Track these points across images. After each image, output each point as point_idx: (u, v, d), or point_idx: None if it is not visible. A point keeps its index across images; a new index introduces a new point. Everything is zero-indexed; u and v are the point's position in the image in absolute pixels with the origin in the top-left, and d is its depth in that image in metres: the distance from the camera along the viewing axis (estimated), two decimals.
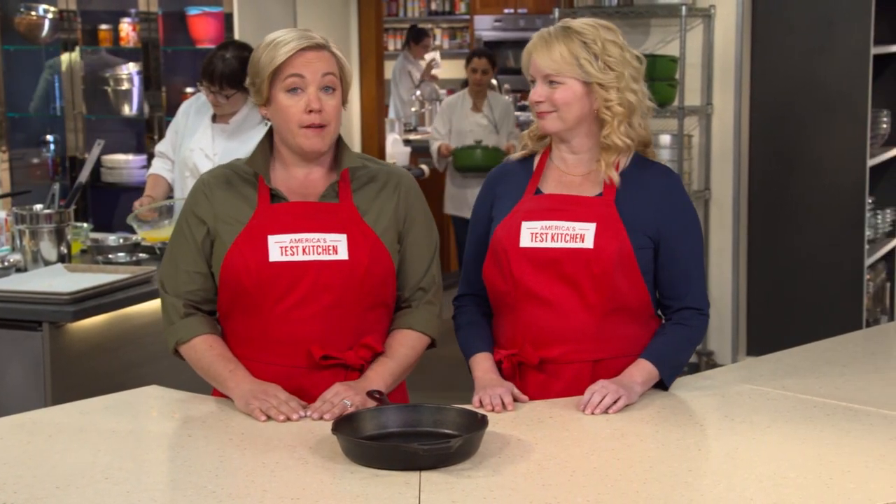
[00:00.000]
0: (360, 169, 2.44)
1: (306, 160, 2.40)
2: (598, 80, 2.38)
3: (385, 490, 1.90)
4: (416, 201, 2.46)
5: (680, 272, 2.46)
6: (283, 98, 2.35)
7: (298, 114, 2.33)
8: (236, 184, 2.41)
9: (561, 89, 2.40)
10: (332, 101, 2.36)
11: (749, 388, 2.46)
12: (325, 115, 2.34)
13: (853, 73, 5.19)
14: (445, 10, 11.74)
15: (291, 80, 2.33)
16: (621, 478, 1.97)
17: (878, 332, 3.37)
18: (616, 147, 2.42)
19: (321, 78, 2.34)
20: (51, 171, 6.07)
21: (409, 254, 2.44)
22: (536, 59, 2.41)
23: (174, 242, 2.44)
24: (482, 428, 2.06)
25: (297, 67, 2.33)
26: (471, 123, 6.55)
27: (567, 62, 2.38)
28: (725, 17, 5.29)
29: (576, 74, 2.38)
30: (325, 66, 2.35)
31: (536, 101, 2.42)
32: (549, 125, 2.43)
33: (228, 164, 2.47)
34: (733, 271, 5.41)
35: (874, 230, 5.61)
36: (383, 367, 2.38)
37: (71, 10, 5.87)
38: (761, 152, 5.39)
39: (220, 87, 4.07)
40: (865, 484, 1.93)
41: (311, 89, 2.33)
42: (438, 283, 2.49)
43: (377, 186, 2.43)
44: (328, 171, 2.43)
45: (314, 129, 2.34)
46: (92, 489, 1.92)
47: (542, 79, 2.41)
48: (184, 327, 2.39)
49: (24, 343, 3.25)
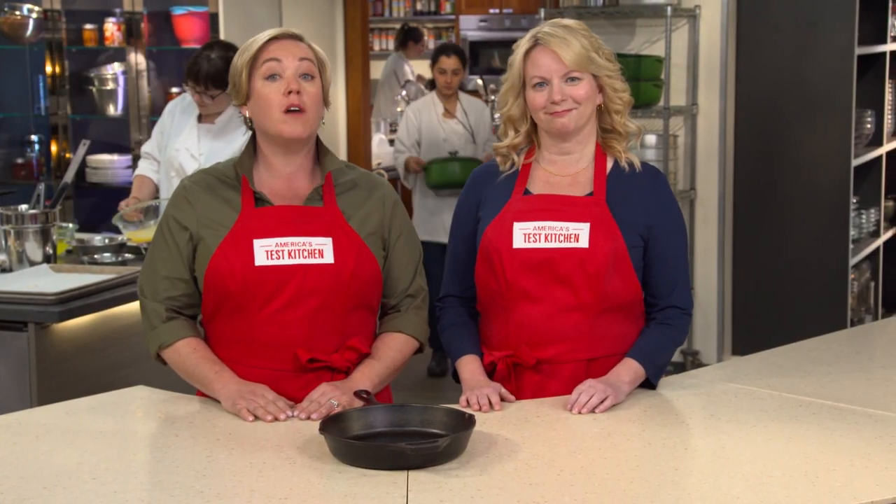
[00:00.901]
0: (342, 174, 2.44)
1: (288, 151, 2.39)
2: (607, 72, 2.41)
3: (373, 490, 1.90)
4: (399, 211, 2.48)
5: (667, 271, 2.47)
6: (261, 86, 2.35)
7: (278, 97, 2.33)
8: (218, 188, 2.40)
9: (581, 85, 2.40)
10: (311, 88, 2.35)
11: (735, 388, 2.46)
12: (304, 99, 2.34)
13: (838, 74, 5.21)
14: (431, 10, 11.74)
15: (268, 66, 2.34)
16: (608, 477, 1.98)
17: (863, 332, 3.39)
18: (627, 132, 2.46)
19: (298, 62, 2.35)
20: (35, 171, 6.04)
21: (395, 263, 2.46)
22: (559, 54, 2.38)
23: (155, 248, 2.42)
24: (470, 427, 2.07)
25: (273, 52, 2.34)
26: (445, 132, 5.77)
27: (584, 56, 2.38)
28: (710, 17, 5.30)
29: (590, 69, 2.40)
30: (302, 52, 2.36)
31: (558, 101, 2.39)
32: (571, 123, 2.41)
33: (209, 169, 2.47)
34: (718, 271, 5.42)
35: (858, 230, 5.63)
36: (370, 369, 2.38)
37: (55, 9, 5.85)
38: (746, 152, 5.41)
39: (205, 87, 4.06)
40: (850, 482, 1.94)
41: (288, 73, 2.34)
42: (425, 290, 2.51)
43: (362, 193, 2.44)
44: (311, 175, 2.43)
45: (293, 114, 2.33)
46: (79, 490, 1.92)
47: (561, 77, 2.39)
48: (166, 331, 2.39)
49: (10, 344, 3.23)
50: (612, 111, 2.46)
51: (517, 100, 2.46)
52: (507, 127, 2.50)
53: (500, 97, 2.51)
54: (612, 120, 2.47)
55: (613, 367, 2.40)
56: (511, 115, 2.48)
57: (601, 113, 2.47)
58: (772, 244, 5.39)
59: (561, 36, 2.38)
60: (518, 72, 2.43)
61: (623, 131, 2.47)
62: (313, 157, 2.44)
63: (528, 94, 2.43)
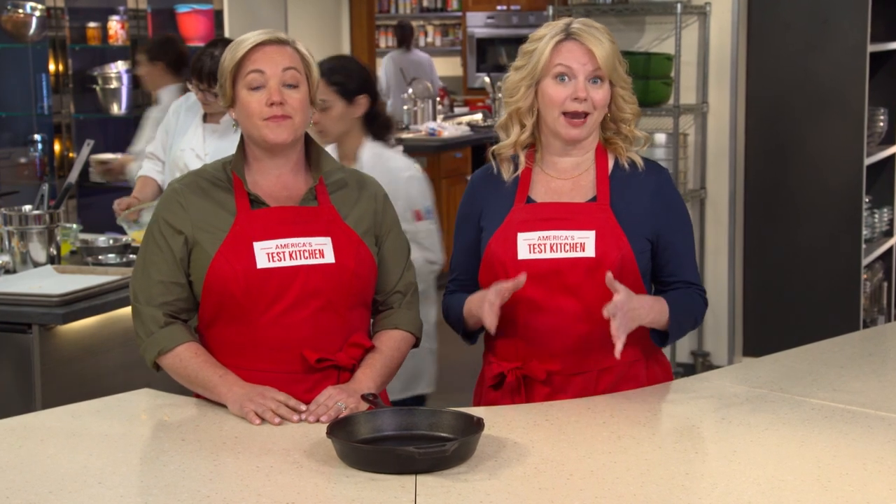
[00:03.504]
0: (330, 173, 2.44)
1: (273, 154, 2.38)
2: (622, 83, 2.37)
3: (380, 494, 1.89)
4: (389, 208, 2.49)
5: (678, 259, 2.45)
6: (244, 95, 2.34)
7: (260, 108, 2.32)
8: (210, 190, 2.38)
9: (602, 88, 2.35)
10: (295, 95, 2.34)
11: (746, 390, 2.44)
12: (288, 108, 2.33)
13: (850, 71, 5.18)
14: (437, 6, 11.73)
15: (252, 77, 2.33)
16: (618, 481, 1.96)
17: (876, 334, 3.36)
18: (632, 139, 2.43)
19: (282, 73, 2.33)
20: (38, 171, 6.03)
21: (386, 259, 2.46)
22: (595, 51, 2.31)
23: (147, 252, 2.39)
24: (478, 431, 2.05)
25: (257, 63, 2.33)
26: None
27: (613, 60, 2.33)
28: (721, 14, 5.28)
29: (612, 75, 2.35)
30: (287, 60, 2.34)
31: (582, 97, 2.33)
32: (583, 132, 2.36)
33: (198, 171, 2.45)
34: (729, 271, 5.40)
35: (871, 229, 5.60)
36: (372, 369, 2.38)
37: (59, 7, 5.83)
38: (757, 151, 5.38)
39: (208, 84, 4.05)
40: (863, 486, 1.92)
41: (272, 83, 2.33)
42: (415, 284, 2.52)
43: (354, 191, 2.44)
44: (304, 174, 2.42)
45: (276, 120, 2.32)
46: (86, 494, 1.91)
47: (587, 75, 2.33)
48: (165, 337, 2.36)
49: (14, 346, 3.22)
50: (618, 120, 2.42)
51: (529, 90, 2.38)
52: (513, 122, 2.43)
53: (509, 86, 2.41)
54: (617, 127, 2.43)
55: (639, 297, 2.32)
56: (520, 108, 2.41)
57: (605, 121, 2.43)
58: (783, 244, 5.36)
59: (595, 35, 2.33)
60: (542, 62, 2.34)
61: (630, 136, 2.44)
62: (303, 157, 2.43)
63: (545, 87, 2.36)
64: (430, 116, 8.33)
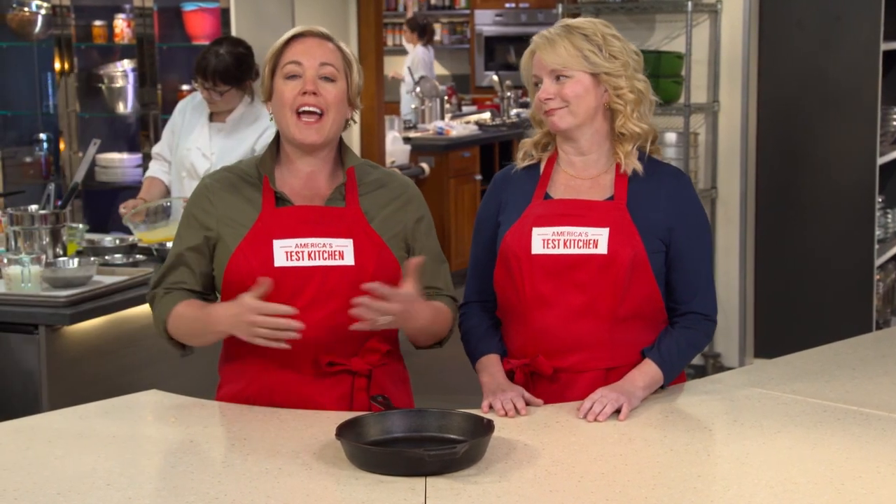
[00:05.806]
0: (367, 174, 2.42)
1: (306, 153, 2.37)
2: (606, 70, 2.37)
3: (390, 496, 1.88)
4: (426, 213, 2.46)
5: (688, 276, 2.43)
6: (279, 84, 2.34)
7: (293, 96, 2.31)
8: (240, 186, 2.38)
9: (570, 83, 2.38)
10: (331, 89, 2.33)
11: (758, 392, 2.43)
12: (322, 101, 2.32)
13: (862, 70, 5.15)
14: (445, 4, 11.71)
15: (289, 68, 2.33)
16: (629, 483, 1.95)
17: (889, 335, 3.34)
18: (632, 135, 2.41)
19: (319, 67, 2.33)
20: (44, 171, 6.01)
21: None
22: (542, 56, 2.39)
23: (176, 244, 2.41)
24: (488, 433, 2.04)
25: (295, 54, 2.33)
26: None
27: (572, 55, 2.37)
28: (732, 12, 5.25)
29: (583, 67, 2.37)
30: (325, 55, 2.34)
31: (545, 99, 2.39)
32: (560, 122, 2.40)
33: (230, 167, 2.45)
34: (741, 272, 5.37)
35: (884, 230, 5.56)
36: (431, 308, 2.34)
37: (64, 5, 5.80)
38: (769, 150, 5.36)
39: (213, 83, 4.04)
40: (877, 489, 1.91)
41: (308, 73, 2.32)
42: (451, 289, 2.47)
43: (388, 195, 2.41)
44: (332, 173, 2.41)
45: (307, 123, 2.31)
46: (94, 496, 1.90)
47: (549, 75, 2.39)
48: (165, 305, 2.37)
49: (21, 347, 3.22)
50: (615, 111, 2.42)
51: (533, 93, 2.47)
52: (535, 124, 2.52)
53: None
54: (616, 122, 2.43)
55: (629, 371, 2.36)
56: (533, 114, 2.49)
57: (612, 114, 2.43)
58: (795, 244, 5.34)
59: (550, 38, 2.38)
60: (526, 72, 2.46)
61: (628, 133, 2.41)
62: (335, 156, 2.41)
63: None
64: (437, 115, 8.31)
